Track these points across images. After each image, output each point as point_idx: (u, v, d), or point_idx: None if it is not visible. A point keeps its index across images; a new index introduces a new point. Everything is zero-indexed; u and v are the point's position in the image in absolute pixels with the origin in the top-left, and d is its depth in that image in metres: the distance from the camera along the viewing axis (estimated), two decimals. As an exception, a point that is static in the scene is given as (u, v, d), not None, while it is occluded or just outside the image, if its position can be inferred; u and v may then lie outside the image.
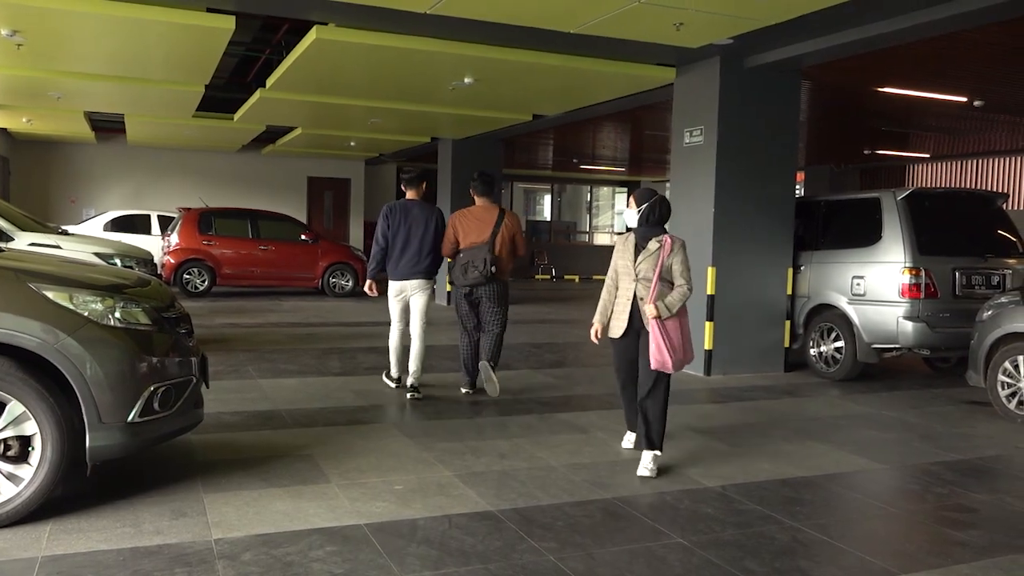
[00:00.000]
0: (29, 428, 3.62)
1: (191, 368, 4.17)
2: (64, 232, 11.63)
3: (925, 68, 8.83)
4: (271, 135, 16.36)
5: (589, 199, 25.85)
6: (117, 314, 3.85)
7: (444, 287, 14.74)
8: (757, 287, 8.20)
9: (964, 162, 17.38)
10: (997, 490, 4.68)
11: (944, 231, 7.81)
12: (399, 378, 6.92)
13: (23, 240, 9.46)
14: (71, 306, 3.74)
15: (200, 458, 4.78)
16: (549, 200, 25.41)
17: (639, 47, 7.54)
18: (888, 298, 7.57)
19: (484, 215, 6.52)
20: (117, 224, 16.01)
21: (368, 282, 6.72)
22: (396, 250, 6.48)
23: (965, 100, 10.48)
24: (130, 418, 3.77)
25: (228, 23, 7.16)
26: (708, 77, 8.01)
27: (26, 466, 3.64)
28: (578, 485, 4.49)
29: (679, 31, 6.81)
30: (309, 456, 4.86)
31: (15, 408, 3.59)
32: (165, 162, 18.92)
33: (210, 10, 7.01)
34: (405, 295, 6.59)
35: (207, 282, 14.56)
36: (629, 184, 24.95)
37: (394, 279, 6.57)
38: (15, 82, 10.30)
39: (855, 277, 7.88)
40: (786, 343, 8.43)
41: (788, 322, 8.41)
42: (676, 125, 8.53)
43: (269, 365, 7.91)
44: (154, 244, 15.39)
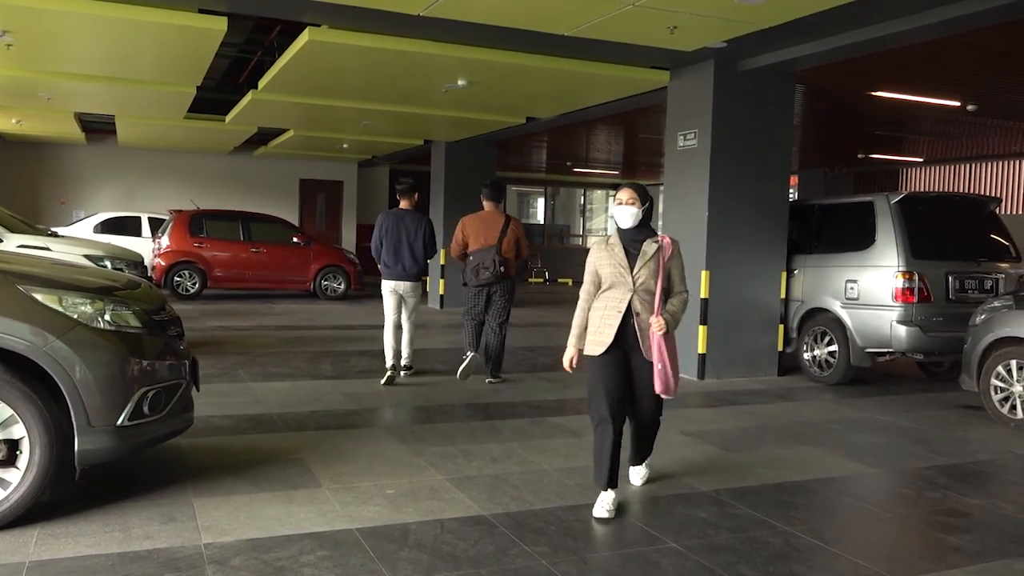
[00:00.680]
0: (17, 432, 3.60)
1: (181, 371, 4.15)
2: (54, 234, 11.59)
3: (918, 72, 8.87)
4: (263, 137, 16.33)
5: (583, 202, 25.88)
6: (107, 317, 3.83)
7: (437, 292, 14.73)
8: (751, 291, 8.22)
9: (957, 166, 17.46)
10: (990, 495, 4.70)
11: (937, 235, 7.84)
12: (394, 365, 7.41)
13: (12, 242, 9.42)
14: (60, 308, 3.72)
15: (190, 462, 4.76)
16: (542, 203, 25.43)
17: (633, 50, 7.56)
18: (882, 302, 7.60)
19: (491, 220, 7.37)
20: (107, 226, 15.97)
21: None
22: (389, 254, 7.30)
23: (958, 105, 10.52)
24: (119, 421, 3.75)
25: (220, 24, 7.15)
26: (702, 80, 8.03)
27: (14, 470, 3.62)
28: (571, 489, 4.49)
29: (673, 34, 6.83)
30: (300, 460, 4.84)
31: (3, 411, 3.57)
32: (156, 164, 18.88)
33: (202, 11, 7.00)
34: (398, 292, 7.41)
35: (198, 285, 14.51)
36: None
37: (386, 279, 7.39)
38: (4, 82, 10.26)
39: (849, 281, 7.91)
40: (780, 347, 8.45)
41: (782, 326, 8.43)
42: (670, 128, 8.55)
43: (260, 368, 7.89)
44: (145, 246, 15.35)
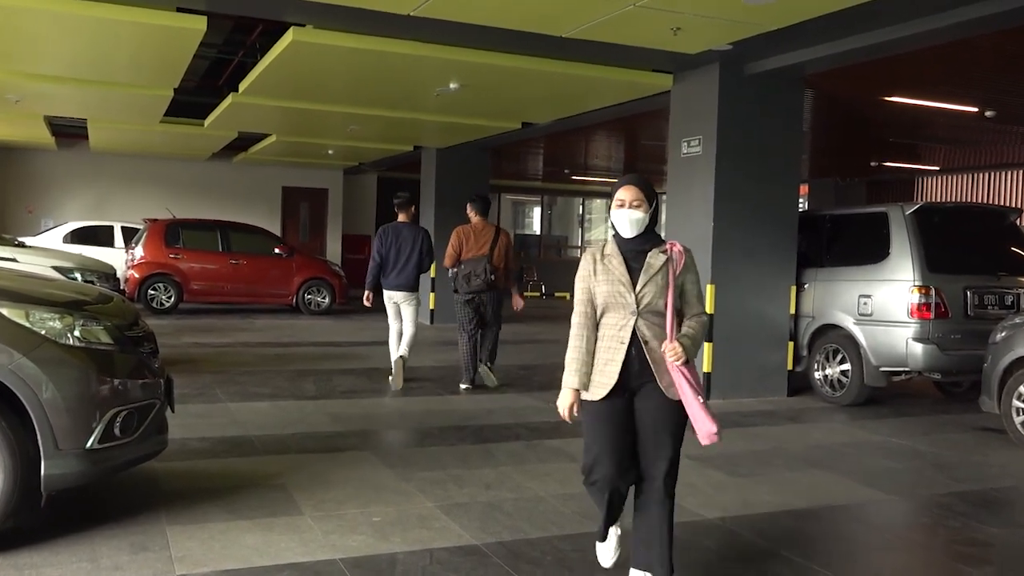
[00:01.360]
0: (-21, 455, 3.58)
1: (155, 391, 4.14)
2: (21, 244, 11.57)
3: (933, 77, 8.93)
4: (243, 142, 16.35)
5: (581, 212, 25.93)
6: (77, 333, 3.82)
7: (427, 306, 14.71)
8: (758, 306, 8.23)
9: (976, 175, 17.55)
10: (1013, 523, 4.70)
11: (955, 248, 7.87)
12: (401, 357, 8.20)
13: (-24, 253, 9.40)
14: (27, 324, 3.71)
15: (164, 488, 4.73)
16: (539, 213, 25.48)
17: (634, 52, 7.59)
18: (896, 318, 7.62)
19: (482, 232, 8.03)
20: (78, 236, 15.94)
21: (366, 292, 8.20)
22: (388, 265, 8.12)
23: (976, 110, 10.59)
24: (89, 444, 3.73)
25: (199, 24, 7.16)
26: (707, 84, 8.07)
27: (-25, 496, 3.60)
28: (568, 517, 4.48)
29: (676, 36, 6.87)
30: (281, 486, 4.82)
31: (-36, 433, 3.56)
32: (130, 170, 18.86)
33: (180, 10, 7.01)
34: (395, 302, 8.23)
35: (173, 298, 14.47)
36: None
37: (386, 288, 8.20)
38: (-30, 84, 10.26)
39: (862, 296, 7.93)
40: (789, 366, 8.45)
41: (791, 343, 8.44)
42: (673, 134, 8.58)
43: (239, 388, 7.87)
44: (117, 257, 15.31)
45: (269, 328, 13.03)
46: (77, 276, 9.95)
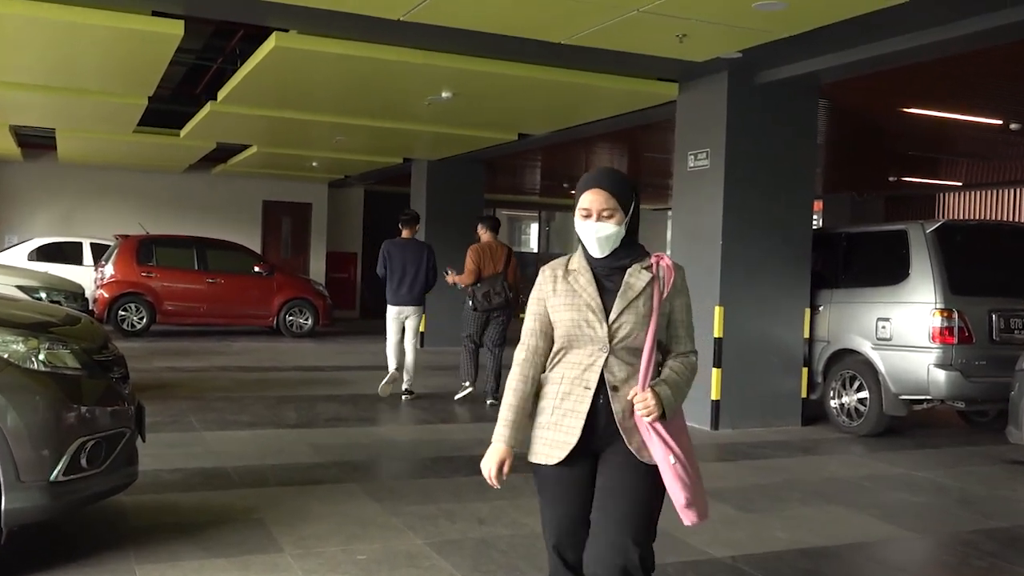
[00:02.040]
0: (-65, 488, 3.56)
1: (125, 419, 4.13)
2: (-18, 262, 11.55)
3: (953, 87, 8.99)
4: (222, 154, 16.37)
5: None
6: (42, 356, 3.81)
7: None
8: (770, 329, 8.23)
9: (1000, 191, 17.63)
10: (1042, 562, 4.68)
11: (979, 268, 7.90)
12: (397, 368, 9.04)
13: (-65, 270, 9.38)
14: (-12, 347, 3.70)
15: (133, 523, 4.70)
16: (536, 229, 25.54)
17: (638, 60, 7.64)
18: (917, 343, 7.63)
19: (496, 250, 8.85)
20: (44, 253, 15.90)
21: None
22: (395, 281, 8.89)
23: (1000, 123, 10.66)
24: (53, 476, 3.71)
25: (176, 28, 7.19)
26: (715, 94, 8.12)
27: (-70, 532, 3.57)
28: (568, 555, 4.45)
29: (682, 43, 6.91)
30: (259, 521, 4.80)
31: (-80, 464, 3.54)
32: (101, 183, 18.87)
33: (156, 13, 7.04)
34: (402, 317, 9.01)
35: (146, 319, 14.45)
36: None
37: (392, 304, 8.96)
38: (-69, 91, 10.28)
39: (880, 319, 7.94)
40: (803, 393, 8.45)
41: (805, 369, 8.44)
42: (679, 147, 8.62)
43: (215, 415, 7.84)
44: (86, 276, 15.27)
45: (248, 351, 13.00)
46: (43, 296, 9.93)
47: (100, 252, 16.19)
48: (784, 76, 7.78)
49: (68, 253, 16.27)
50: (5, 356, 3.71)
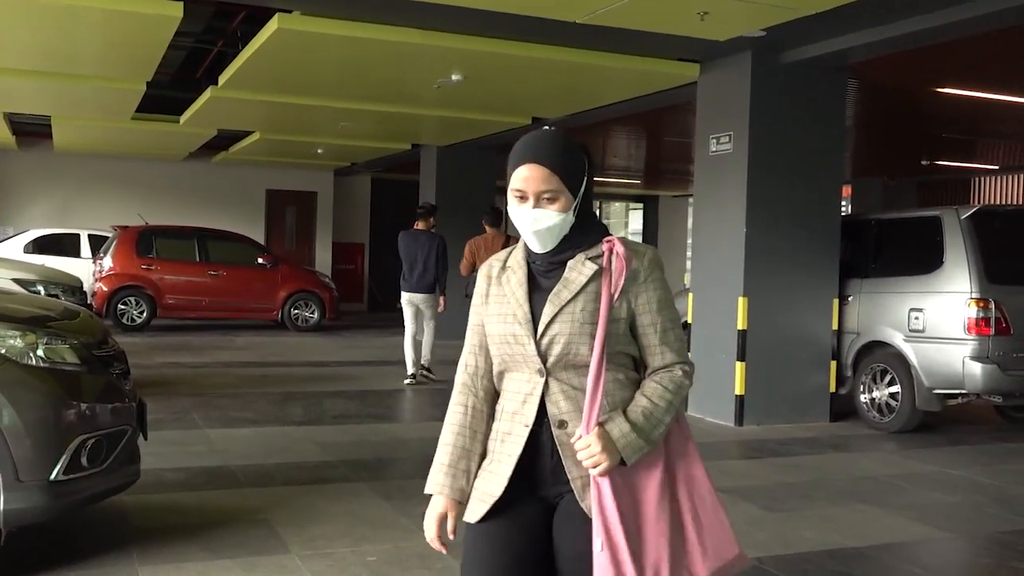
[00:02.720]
0: (-68, 487, 3.60)
1: (126, 416, 4.15)
2: (-23, 254, 11.64)
3: (991, 65, 8.92)
4: (224, 141, 16.42)
5: (598, 216, 25.92)
6: (40, 352, 3.84)
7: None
8: (797, 321, 8.21)
9: (1039, 175, 17.51)
10: (1084, 563, 4.66)
11: (1017, 256, 7.85)
12: (413, 374, 9.77)
13: (-72, 264, 9.47)
14: (-15, 342, 3.73)
15: (135, 524, 4.74)
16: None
17: (657, 40, 7.61)
18: (952, 335, 7.59)
19: (495, 242, 9.77)
20: (41, 245, 16.01)
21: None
22: (405, 270, 9.75)
23: (1039, 102, 10.58)
24: (53, 476, 3.74)
25: (175, 10, 7.21)
26: (738, 75, 8.09)
27: (-73, 533, 3.61)
28: (586, 557, 4.46)
29: (704, 21, 6.89)
30: (265, 521, 4.82)
31: (-84, 463, 3.58)
32: (98, 172, 18.96)
33: (154, -6, 7.08)
34: (414, 304, 9.80)
35: (146, 313, 14.53)
36: (645, 199, 25.07)
37: (405, 291, 9.78)
38: (-77, 78, 10.35)
39: (912, 310, 7.91)
40: (832, 388, 8.43)
41: (834, 363, 8.42)
42: (700, 131, 8.60)
43: (219, 412, 7.89)
44: (84, 268, 15.38)
45: (252, 346, 13.06)
46: (40, 289, 10.01)
47: (98, 244, 16.27)
48: (811, 55, 7.74)
49: (65, 245, 16.37)
50: (2, 352, 3.74)
